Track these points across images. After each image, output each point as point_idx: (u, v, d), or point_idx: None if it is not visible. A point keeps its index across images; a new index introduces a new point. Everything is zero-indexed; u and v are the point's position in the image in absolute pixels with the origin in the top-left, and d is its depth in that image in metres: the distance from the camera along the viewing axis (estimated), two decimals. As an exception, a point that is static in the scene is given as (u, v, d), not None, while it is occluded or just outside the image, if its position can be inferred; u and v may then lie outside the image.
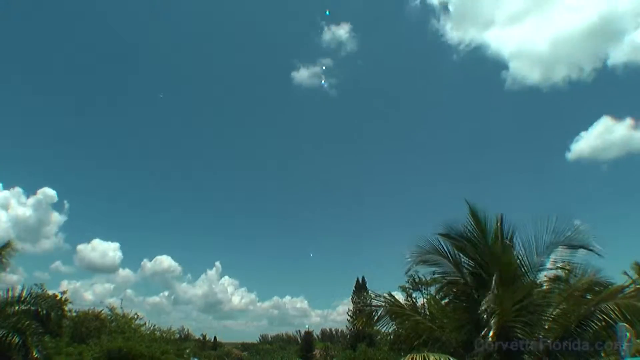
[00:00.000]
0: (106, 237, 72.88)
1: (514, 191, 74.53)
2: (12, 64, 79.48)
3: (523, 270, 8.90)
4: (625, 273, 20.16)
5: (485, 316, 8.03)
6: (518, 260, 8.94)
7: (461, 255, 9.26)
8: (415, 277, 24.80)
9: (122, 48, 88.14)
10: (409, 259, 9.63)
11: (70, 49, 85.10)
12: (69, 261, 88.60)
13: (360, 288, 50.90)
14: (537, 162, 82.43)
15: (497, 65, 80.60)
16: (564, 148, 79.33)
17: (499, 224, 9.10)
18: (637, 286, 8.70)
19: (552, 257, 8.84)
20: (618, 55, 67.42)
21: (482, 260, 8.81)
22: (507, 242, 8.91)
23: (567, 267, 9.15)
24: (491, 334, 7.68)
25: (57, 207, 77.19)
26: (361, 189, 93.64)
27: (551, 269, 9.00)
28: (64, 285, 68.11)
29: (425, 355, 7.33)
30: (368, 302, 11.17)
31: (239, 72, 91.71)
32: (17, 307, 15.44)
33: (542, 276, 9.12)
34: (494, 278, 7.77)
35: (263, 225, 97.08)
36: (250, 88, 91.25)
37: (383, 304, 10.10)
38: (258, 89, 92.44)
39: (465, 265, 9.26)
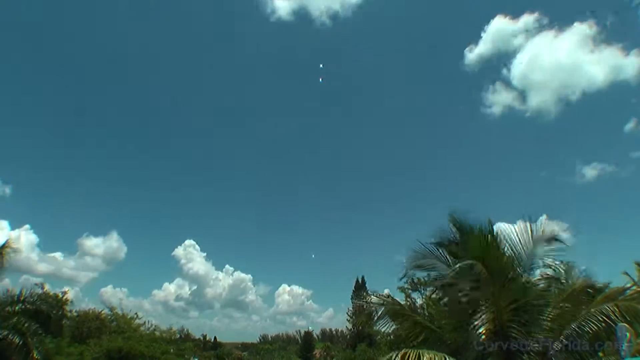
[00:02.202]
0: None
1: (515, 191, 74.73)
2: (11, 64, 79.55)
3: (517, 270, 8.85)
4: (626, 273, 20.14)
5: (480, 316, 8.05)
6: (509, 261, 8.85)
7: (455, 260, 9.23)
8: (414, 278, 24.76)
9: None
10: (405, 264, 9.66)
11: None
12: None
13: (360, 288, 50.94)
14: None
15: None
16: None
17: (488, 227, 9.03)
18: (638, 289, 8.70)
19: (538, 254, 8.80)
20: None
21: (474, 264, 8.79)
22: (496, 243, 8.86)
23: (559, 266, 9.17)
24: (482, 330, 7.70)
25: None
26: (362, 190, 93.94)
27: (541, 267, 9.01)
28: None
29: (419, 352, 7.26)
30: (368, 301, 11.15)
31: (240, 72, 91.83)
32: (17, 307, 15.42)
33: (537, 275, 9.13)
34: (483, 278, 7.76)
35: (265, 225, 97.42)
36: (252, 90, 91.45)
37: (383, 303, 10.10)
38: (262, 92, 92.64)
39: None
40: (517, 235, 8.77)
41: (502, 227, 9.10)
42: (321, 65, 69.43)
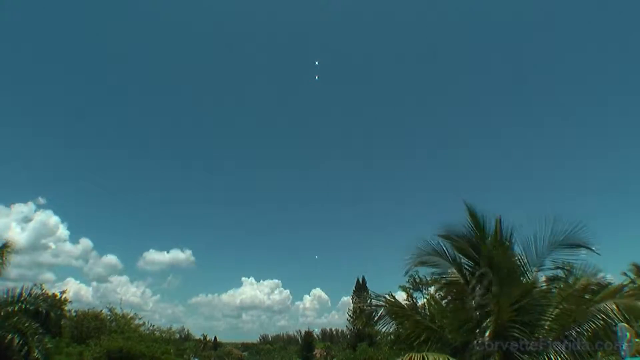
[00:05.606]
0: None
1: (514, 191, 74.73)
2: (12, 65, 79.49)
3: (522, 270, 8.85)
4: (625, 274, 20.20)
5: (482, 315, 8.02)
6: (517, 261, 8.87)
7: (461, 256, 9.24)
8: (416, 277, 24.79)
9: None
10: (409, 261, 9.64)
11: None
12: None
13: (360, 288, 50.89)
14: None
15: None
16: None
17: (497, 224, 9.06)
18: (636, 285, 8.64)
19: (552, 256, 8.77)
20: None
21: (481, 260, 8.78)
22: (506, 242, 8.86)
23: (567, 267, 9.10)
24: (488, 333, 7.66)
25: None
26: (363, 189, 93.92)
27: (551, 268, 8.96)
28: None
29: (424, 354, 7.28)
30: (368, 302, 11.13)
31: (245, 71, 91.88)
32: (16, 307, 15.43)
33: (542, 276, 9.09)
34: (491, 278, 7.75)
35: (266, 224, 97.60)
36: (251, 89, 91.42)
37: (383, 303, 10.08)
38: (261, 90, 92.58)
39: (465, 266, 9.25)
40: (532, 237, 8.63)
41: (515, 226, 9.04)
42: (316, 62, 68.07)
